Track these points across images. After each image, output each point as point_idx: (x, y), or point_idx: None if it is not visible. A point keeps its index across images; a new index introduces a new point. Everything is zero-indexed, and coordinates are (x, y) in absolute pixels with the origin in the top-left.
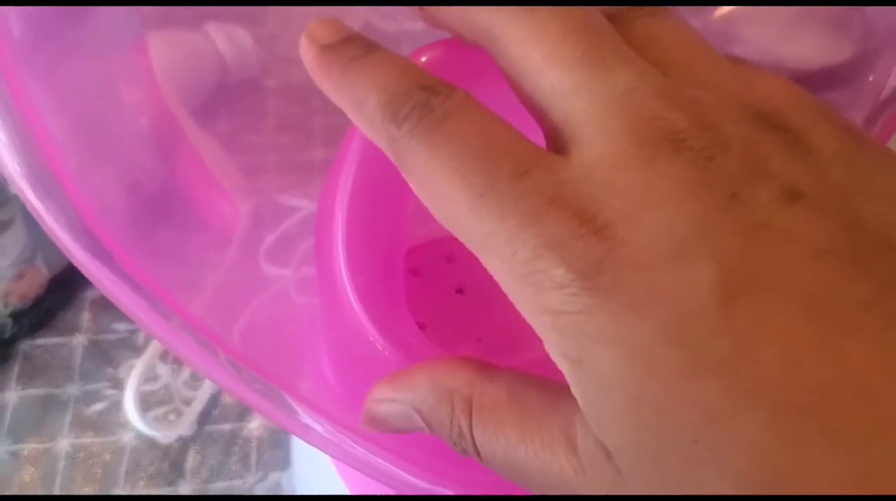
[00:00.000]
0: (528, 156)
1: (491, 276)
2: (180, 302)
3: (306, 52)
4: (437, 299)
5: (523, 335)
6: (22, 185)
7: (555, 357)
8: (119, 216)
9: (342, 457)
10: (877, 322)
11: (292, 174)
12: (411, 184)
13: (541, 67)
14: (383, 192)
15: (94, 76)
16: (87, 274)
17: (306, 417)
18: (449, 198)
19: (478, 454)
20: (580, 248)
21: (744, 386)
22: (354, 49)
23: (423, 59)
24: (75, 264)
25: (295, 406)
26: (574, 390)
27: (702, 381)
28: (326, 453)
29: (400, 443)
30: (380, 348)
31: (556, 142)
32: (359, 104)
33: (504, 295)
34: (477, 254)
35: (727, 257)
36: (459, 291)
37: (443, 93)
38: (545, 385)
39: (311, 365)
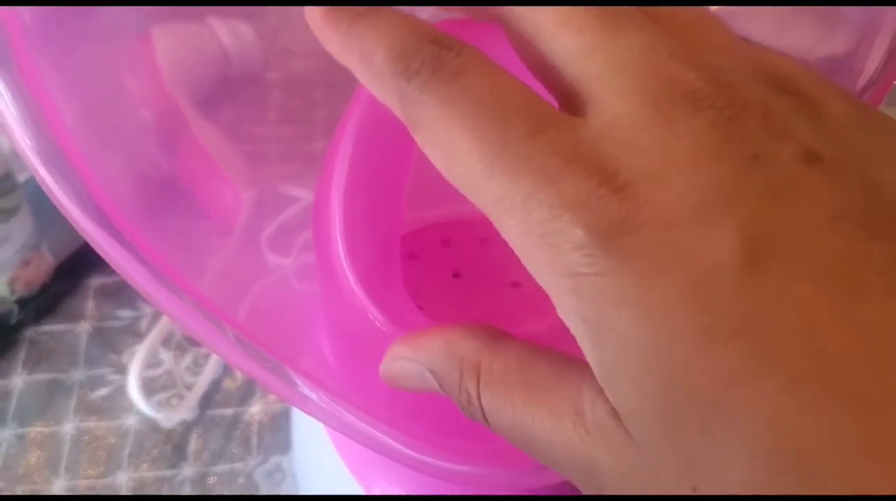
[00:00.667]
0: (545, 115)
1: (486, 261)
2: (188, 282)
3: (313, 13)
4: (434, 283)
5: (518, 318)
6: (33, 160)
7: (570, 320)
8: (125, 199)
9: (340, 428)
10: (891, 287)
11: (293, 165)
12: (420, 142)
13: (555, 30)
14: (380, 173)
15: (100, 66)
16: (97, 248)
17: (306, 389)
18: (462, 155)
19: (486, 420)
20: (600, 208)
21: (762, 352)
22: (362, 6)
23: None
24: (86, 238)
25: (296, 378)
26: (589, 353)
27: (721, 345)
28: (325, 424)
29: (399, 415)
30: (379, 326)
31: (570, 104)
32: (367, 58)
33: (500, 280)
34: (490, 216)
35: (751, 219)
36: (456, 275)
37: (455, 48)
38: (555, 356)
39: (310, 346)
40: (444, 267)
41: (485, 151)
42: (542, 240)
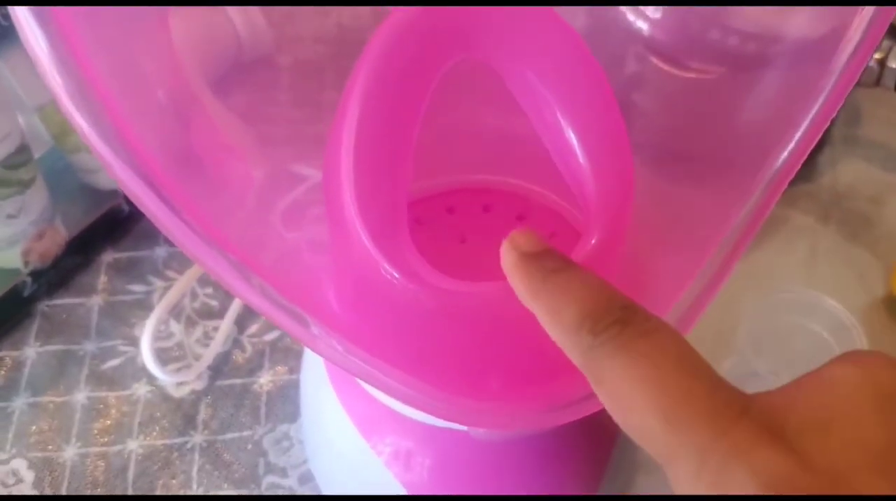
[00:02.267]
0: (720, 379)
1: (490, 227)
2: (218, 233)
3: (507, 256)
4: (441, 247)
5: None
6: (79, 121)
7: None
8: (157, 161)
9: (344, 363)
10: None
11: (303, 145)
12: (599, 393)
13: None
14: (387, 134)
15: (125, 46)
16: (129, 194)
17: (320, 330)
18: (640, 408)
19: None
20: (771, 461)
21: None
22: (553, 262)
23: None
24: (119, 181)
25: (311, 321)
26: None
27: None
28: (333, 361)
29: (404, 358)
30: (390, 278)
31: None
32: (555, 313)
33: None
34: (663, 463)
35: None
36: (462, 240)
37: (641, 314)
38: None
39: (319, 301)
40: (451, 233)
41: (665, 403)
42: (713, 487)
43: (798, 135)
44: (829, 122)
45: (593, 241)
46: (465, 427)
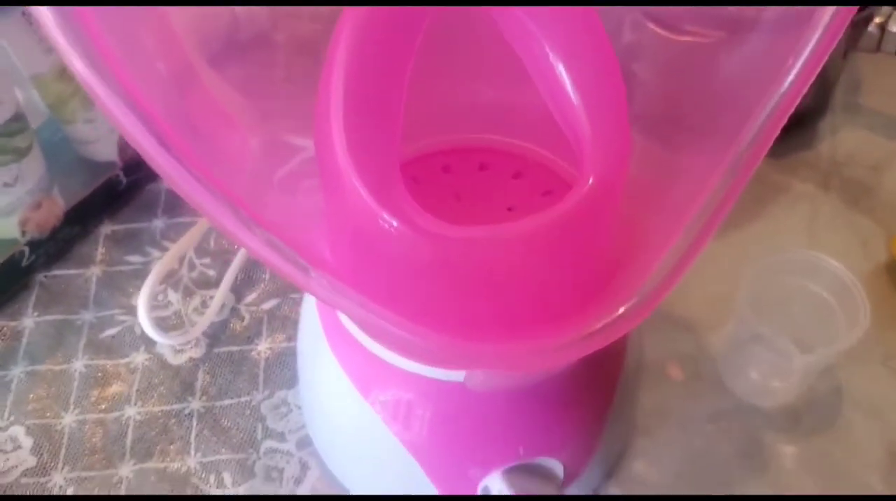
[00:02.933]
0: None
1: (485, 185)
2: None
3: None
4: (437, 204)
5: None
6: (91, 81)
7: None
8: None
9: (343, 306)
10: None
11: (299, 119)
12: None
13: None
14: (376, 82)
15: (125, 17)
16: (132, 141)
17: (315, 273)
18: None
19: None
20: None
21: None
22: None
23: None
24: (122, 129)
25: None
26: None
27: None
28: (331, 304)
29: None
30: (388, 228)
31: None
32: None
33: (497, 203)
34: None
35: None
36: (457, 197)
37: None
38: None
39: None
40: (446, 191)
41: None
42: None
43: (779, 92)
44: (810, 81)
45: (590, 181)
46: (461, 379)
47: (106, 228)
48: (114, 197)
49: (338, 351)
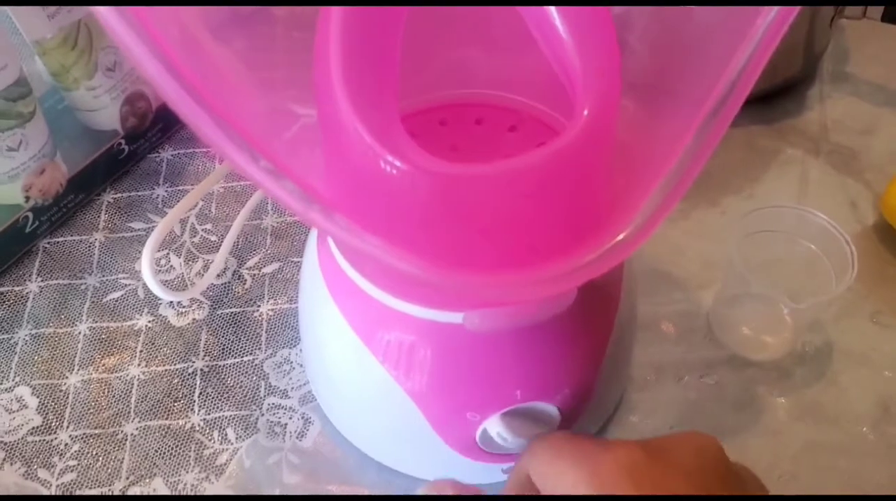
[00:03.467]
0: None
1: (481, 138)
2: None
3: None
4: (435, 154)
5: None
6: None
7: None
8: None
9: (346, 239)
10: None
11: (300, 89)
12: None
13: None
14: (374, 31)
15: None
16: (154, 83)
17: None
18: None
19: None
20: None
21: None
22: None
23: None
24: (143, 69)
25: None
26: None
27: None
28: (335, 236)
29: (404, 242)
30: (389, 169)
31: None
32: None
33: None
34: None
35: None
36: (453, 148)
37: None
38: None
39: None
40: (443, 143)
41: None
42: None
43: (749, 49)
44: (777, 39)
45: (585, 113)
46: (461, 321)
47: (108, 196)
48: (116, 165)
49: (339, 299)
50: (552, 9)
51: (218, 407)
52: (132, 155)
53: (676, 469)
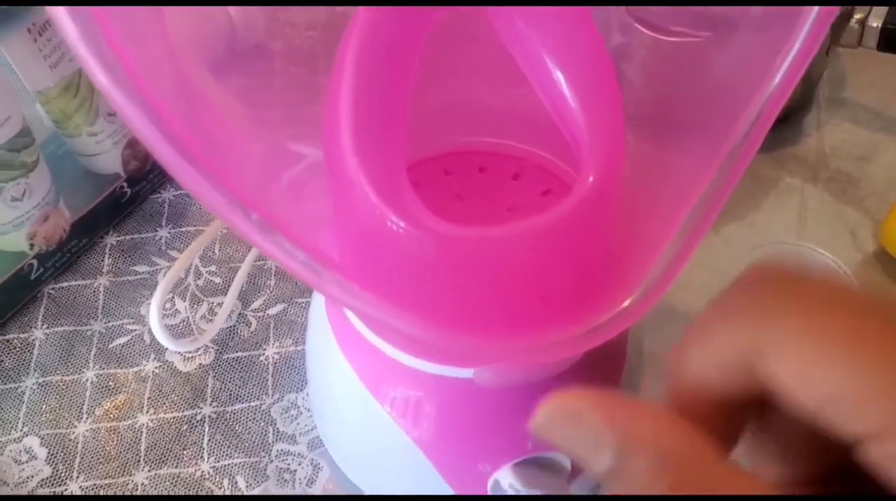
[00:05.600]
0: None
1: (486, 187)
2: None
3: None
4: (440, 205)
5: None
6: (97, 73)
7: None
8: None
9: (353, 305)
10: None
11: (300, 126)
12: None
13: None
14: (383, 92)
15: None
16: (151, 148)
17: (327, 274)
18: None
19: None
20: None
21: None
22: None
23: None
24: (139, 135)
25: (321, 269)
26: None
27: None
28: (342, 303)
29: (411, 303)
30: (395, 229)
31: None
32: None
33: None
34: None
35: None
36: (459, 197)
37: None
38: None
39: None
40: (448, 192)
41: None
42: None
43: (769, 91)
44: (797, 79)
45: (590, 179)
46: (470, 375)
47: (111, 239)
48: (119, 208)
49: (347, 350)
50: (557, 71)
51: (227, 455)
52: (134, 197)
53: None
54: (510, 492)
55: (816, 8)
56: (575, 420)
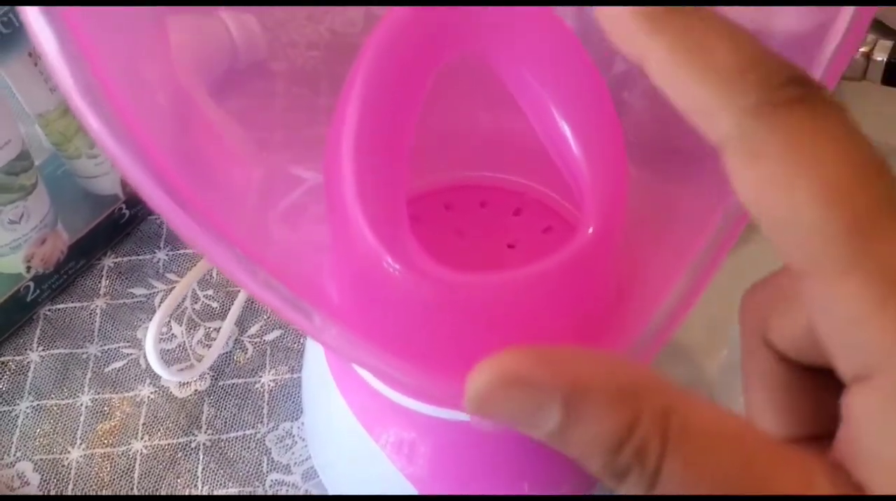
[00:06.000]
0: None
1: (486, 222)
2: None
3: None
4: (440, 242)
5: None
6: (89, 118)
7: None
8: (159, 157)
9: (346, 352)
10: None
11: (299, 149)
12: (750, 171)
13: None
14: (386, 131)
15: (126, 48)
16: (138, 188)
17: (319, 320)
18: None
19: (652, 486)
20: None
21: None
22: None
23: None
24: (126, 175)
25: (314, 312)
26: None
27: None
28: (335, 351)
29: (406, 347)
30: (392, 271)
31: None
32: (700, 50)
33: (498, 240)
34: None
35: None
36: (460, 233)
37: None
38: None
39: (321, 295)
40: (448, 228)
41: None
42: None
43: None
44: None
45: (590, 231)
46: (467, 418)
47: (109, 260)
48: (116, 230)
49: (342, 388)
50: (563, 122)
51: (221, 484)
52: (133, 218)
53: None
54: None
55: (834, 43)
56: (518, 385)
